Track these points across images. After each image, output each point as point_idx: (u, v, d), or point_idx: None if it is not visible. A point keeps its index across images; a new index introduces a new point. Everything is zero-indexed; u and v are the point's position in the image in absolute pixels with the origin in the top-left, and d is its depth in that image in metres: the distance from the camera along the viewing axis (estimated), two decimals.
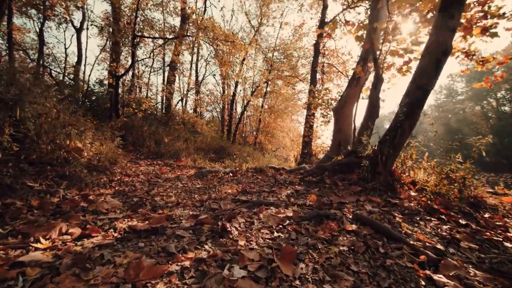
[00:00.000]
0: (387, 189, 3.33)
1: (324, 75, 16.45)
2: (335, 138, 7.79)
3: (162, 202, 3.16)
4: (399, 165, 3.65)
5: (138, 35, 8.77)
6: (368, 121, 5.42)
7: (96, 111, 9.99)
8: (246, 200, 3.08)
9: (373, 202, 3.02)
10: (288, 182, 4.39)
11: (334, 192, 3.38)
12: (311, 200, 3.09)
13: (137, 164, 6.59)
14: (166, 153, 7.86)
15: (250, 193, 3.64)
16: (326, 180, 3.79)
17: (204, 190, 4.01)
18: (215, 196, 3.50)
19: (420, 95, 3.36)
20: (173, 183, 4.56)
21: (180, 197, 3.46)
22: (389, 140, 3.38)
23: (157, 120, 11.63)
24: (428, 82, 3.28)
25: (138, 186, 4.12)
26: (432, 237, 2.20)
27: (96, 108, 10.18)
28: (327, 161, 7.54)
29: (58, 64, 14.75)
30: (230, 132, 15.18)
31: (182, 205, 3.01)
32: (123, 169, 5.37)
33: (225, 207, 2.84)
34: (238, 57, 9.98)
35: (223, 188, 4.24)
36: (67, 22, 11.51)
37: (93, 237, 1.91)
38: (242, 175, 6.04)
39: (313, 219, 2.46)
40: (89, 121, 5.92)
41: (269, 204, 2.87)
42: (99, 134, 5.83)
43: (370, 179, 3.51)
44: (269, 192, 3.62)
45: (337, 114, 7.76)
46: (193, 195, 3.60)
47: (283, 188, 3.80)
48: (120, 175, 4.81)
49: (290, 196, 3.35)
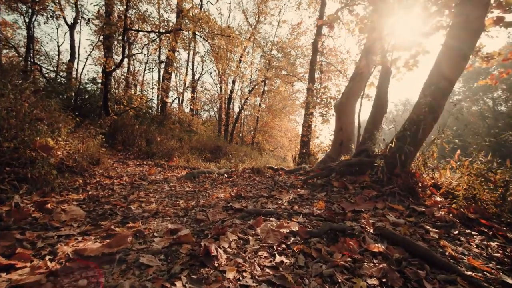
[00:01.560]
0: (408, 194, 2.75)
1: (323, 74, 15.90)
2: (336, 137, 7.22)
3: (138, 210, 2.56)
4: (419, 165, 3.07)
5: (129, 28, 8.13)
6: (375, 116, 4.85)
7: (89, 109, 9.35)
8: (240, 208, 2.49)
9: (394, 211, 2.44)
10: (289, 184, 3.80)
11: (345, 198, 2.79)
12: (319, 208, 2.50)
13: (124, 165, 5.97)
14: (157, 153, 7.24)
15: (246, 198, 3.04)
16: (334, 183, 3.20)
17: (193, 195, 3.41)
18: (204, 202, 2.90)
19: (446, 84, 2.79)
20: (159, 186, 3.95)
21: (163, 204, 2.86)
22: (410, 135, 2.80)
23: (151, 119, 11.03)
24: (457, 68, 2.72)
25: (117, 190, 3.50)
26: (487, 261, 1.62)
27: (88, 106, 9.54)
28: (328, 161, 6.97)
29: (51, 61, 14.09)
30: (227, 132, 14.57)
31: (162, 215, 2.40)
32: (106, 170, 4.75)
33: (213, 218, 2.24)
34: (234, 53, 9.37)
35: (215, 192, 3.63)
36: (57, 17, 10.84)
37: (17, 270, 1.30)
38: (238, 176, 5.44)
39: (325, 235, 1.87)
40: (70, 117, 5.29)
41: (268, 214, 2.28)
42: (81, 131, 5.20)
43: (386, 182, 2.93)
44: (267, 197, 3.03)
45: (339, 111, 7.19)
46: (178, 201, 2.99)
47: (284, 192, 3.20)
48: (100, 177, 4.20)
49: (293, 203, 2.76)
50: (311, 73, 14.44)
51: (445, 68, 2.79)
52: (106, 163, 5.18)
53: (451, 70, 2.76)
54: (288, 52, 15.35)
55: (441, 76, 2.80)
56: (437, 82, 2.80)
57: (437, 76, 2.86)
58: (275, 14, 15.39)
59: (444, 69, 2.79)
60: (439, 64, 2.89)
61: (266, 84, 16.39)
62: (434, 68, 2.88)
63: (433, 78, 2.88)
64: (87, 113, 9.01)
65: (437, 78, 2.84)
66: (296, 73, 15.95)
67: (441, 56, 2.91)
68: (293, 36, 16.67)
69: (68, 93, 10.06)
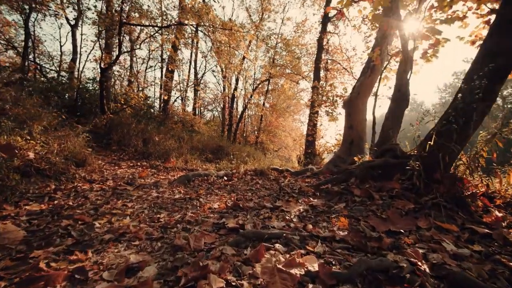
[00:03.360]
0: (455, 207, 2.04)
1: (328, 71, 15.15)
2: (346, 136, 6.49)
3: (103, 229, 1.91)
4: (461, 168, 2.36)
5: (126, 22, 7.54)
6: (395, 111, 4.13)
7: (89, 109, 8.81)
8: (235, 228, 1.82)
9: (445, 232, 1.74)
10: (297, 190, 3.12)
11: (372, 211, 2.10)
12: (341, 227, 1.82)
13: (116, 166, 5.36)
14: (154, 153, 6.62)
15: (245, 209, 2.37)
16: (354, 190, 2.50)
17: (182, 204, 2.75)
18: (191, 215, 2.23)
19: (504, 61, 2.08)
20: (146, 192, 3.31)
21: (139, 218, 2.20)
22: (457, 130, 2.10)
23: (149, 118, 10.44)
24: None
25: (93, 197, 2.87)
26: None
27: (88, 106, 9.00)
28: (337, 161, 6.26)
29: (53, 61, 13.68)
30: (231, 132, 13.93)
31: (130, 237, 1.75)
32: (90, 172, 4.13)
33: (196, 244, 1.57)
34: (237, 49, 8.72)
35: (210, 199, 2.97)
36: (55, 15, 10.34)
37: None
38: (239, 179, 4.77)
39: (360, 279, 1.19)
40: (55, 114, 4.70)
41: (273, 237, 1.60)
42: (66, 129, 4.59)
43: (423, 190, 2.23)
44: (272, 209, 2.35)
45: (349, 108, 6.46)
46: (160, 214, 2.33)
47: (292, 202, 2.52)
48: (80, 181, 3.58)
49: (305, 218, 2.07)
50: (316, 71, 13.72)
51: (502, 40, 2.08)
52: (94, 165, 4.58)
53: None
54: (292, 50, 14.64)
55: (497, 51, 2.10)
56: (491, 59, 2.09)
57: (490, 52, 2.15)
58: (279, 11, 14.72)
59: (501, 41, 2.09)
60: (493, 36, 2.18)
61: (270, 83, 15.72)
62: (488, 41, 2.17)
63: (485, 56, 2.17)
64: (87, 113, 8.48)
65: (491, 54, 2.13)
66: (301, 71, 15.22)
67: (495, 28, 2.20)
68: (298, 34, 15.98)
69: (69, 92, 9.57)
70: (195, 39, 12.23)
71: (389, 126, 4.08)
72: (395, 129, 4.05)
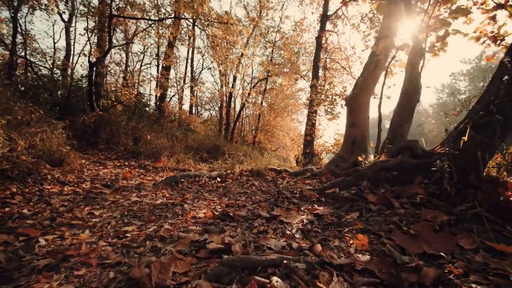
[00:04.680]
0: (499, 218, 1.59)
1: (327, 70, 14.74)
2: (348, 134, 6.03)
3: (47, 248, 1.43)
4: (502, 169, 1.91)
5: (115, 15, 7.05)
6: (405, 106, 3.68)
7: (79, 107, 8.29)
8: (218, 250, 1.34)
9: (498, 254, 1.28)
10: (298, 195, 2.65)
11: (394, 223, 1.64)
12: (360, 247, 1.35)
13: (101, 166, 4.86)
14: (144, 152, 6.13)
15: (235, 219, 1.90)
16: (368, 196, 2.04)
17: (161, 211, 2.27)
18: (166, 229, 1.75)
19: None
20: (124, 196, 2.83)
21: (102, 231, 1.73)
22: (500, 122, 1.64)
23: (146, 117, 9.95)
24: None
25: (57, 203, 2.38)
26: None
27: (79, 104, 8.48)
28: (339, 161, 5.81)
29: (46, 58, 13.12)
30: (228, 131, 13.46)
31: (74, 263, 1.27)
32: (66, 173, 3.64)
33: (160, 277, 1.10)
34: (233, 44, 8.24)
35: (196, 205, 2.49)
36: (46, 9, 9.83)
37: None
38: (234, 180, 4.31)
39: None
40: (31, 109, 4.19)
41: (270, 265, 1.13)
42: (40, 126, 4.08)
43: (455, 195, 1.77)
44: (268, 220, 1.88)
45: (351, 105, 6.01)
46: (130, 226, 1.85)
47: (294, 210, 2.05)
48: (51, 183, 3.09)
49: (310, 233, 1.60)
50: (314, 70, 13.28)
51: None
52: (75, 164, 4.09)
53: None
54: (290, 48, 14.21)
55: None
56: None
57: None
58: (277, 9, 14.28)
59: None
60: None
61: (268, 82, 15.27)
62: None
63: None
64: (78, 111, 7.97)
65: None
66: (299, 70, 14.78)
67: None
68: (296, 33, 15.55)
69: (62, 90, 9.06)
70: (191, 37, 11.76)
71: (399, 122, 3.63)
72: (405, 125, 3.60)
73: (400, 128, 3.61)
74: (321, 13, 14.11)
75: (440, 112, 24.44)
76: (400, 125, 3.50)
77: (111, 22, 6.98)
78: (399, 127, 3.61)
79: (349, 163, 5.62)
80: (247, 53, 11.13)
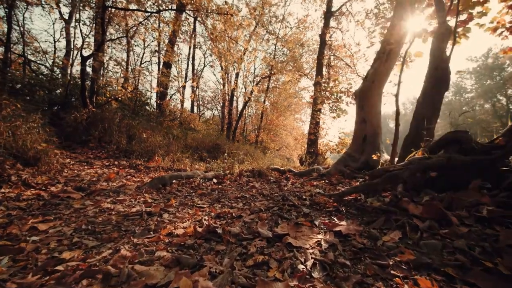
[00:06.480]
0: None
1: (331, 68, 14.09)
2: (358, 131, 5.41)
3: None
4: None
5: (109, 6, 6.54)
6: (431, 94, 3.06)
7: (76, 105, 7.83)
8: None
9: None
10: (308, 201, 2.06)
11: (459, 250, 1.04)
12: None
13: (87, 166, 4.32)
14: (138, 151, 5.59)
15: (224, 239, 1.33)
16: (409, 207, 1.44)
17: (131, 224, 1.71)
18: (122, 255, 1.18)
19: None
20: (95, 202, 2.27)
21: (27, 262, 1.17)
22: None
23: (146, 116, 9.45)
24: None
25: (0, 213, 1.83)
26: None
27: (77, 102, 8.01)
28: (348, 160, 5.18)
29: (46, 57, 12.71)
30: (230, 130, 12.90)
31: None
32: (40, 173, 3.11)
33: None
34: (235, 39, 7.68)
35: (178, 215, 1.92)
36: (43, 6, 9.37)
37: None
38: (232, 182, 3.73)
39: None
40: (6, 101, 3.67)
41: None
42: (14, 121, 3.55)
43: None
44: (270, 241, 1.30)
45: (361, 99, 5.39)
46: (77, 249, 1.29)
47: (305, 226, 1.46)
48: (12, 186, 2.55)
49: (333, 269, 1.02)
50: (318, 67, 12.67)
51: None
52: (54, 164, 3.56)
53: None
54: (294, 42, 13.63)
55: None
56: None
57: None
58: (280, 5, 13.69)
59: None
60: None
61: (271, 80, 14.69)
62: None
63: None
64: (77, 109, 7.53)
65: None
66: (302, 68, 14.17)
67: None
68: (299, 30, 14.96)
69: (62, 89, 8.62)
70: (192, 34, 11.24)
71: (424, 113, 3.02)
72: (432, 117, 2.99)
73: (425, 120, 3.00)
74: (325, 10, 13.53)
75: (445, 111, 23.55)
76: (427, 117, 2.89)
77: (104, 13, 6.47)
78: (424, 120, 3.00)
79: (360, 162, 5.01)
80: (249, 49, 10.54)
